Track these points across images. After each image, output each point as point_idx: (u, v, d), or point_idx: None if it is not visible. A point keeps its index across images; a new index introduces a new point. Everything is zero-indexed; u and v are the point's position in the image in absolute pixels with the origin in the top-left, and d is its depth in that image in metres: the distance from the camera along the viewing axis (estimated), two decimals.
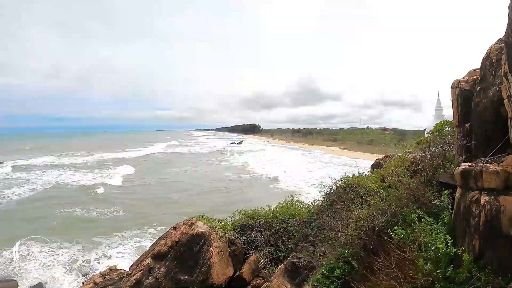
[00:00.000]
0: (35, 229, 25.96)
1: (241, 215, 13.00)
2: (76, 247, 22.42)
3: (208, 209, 26.98)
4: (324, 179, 15.11)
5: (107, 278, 11.36)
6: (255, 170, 56.43)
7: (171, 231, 10.74)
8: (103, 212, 30.93)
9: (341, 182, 11.85)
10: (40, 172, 59.12)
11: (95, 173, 56.45)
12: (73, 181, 48.24)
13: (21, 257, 21.13)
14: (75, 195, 38.33)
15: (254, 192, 37.81)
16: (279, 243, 11.69)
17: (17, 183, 46.99)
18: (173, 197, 37.42)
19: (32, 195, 38.91)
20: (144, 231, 25.35)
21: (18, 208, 32.94)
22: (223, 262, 10.03)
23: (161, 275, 9.31)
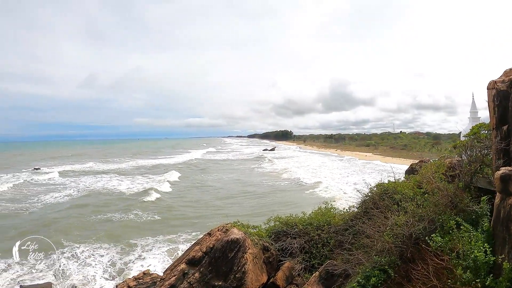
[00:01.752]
0: (76, 232, 27.26)
1: (276, 221, 13.00)
2: (115, 250, 23.32)
3: (243, 215, 27.41)
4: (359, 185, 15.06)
5: (140, 282, 11.55)
6: (289, 176, 56.48)
7: (205, 237, 10.85)
8: (140, 215, 31.92)
9: (377, 189, 11.79)
10: (86, 177, 62.04)
11: (140, 179, 58.69)
12: (118, 187, 50.12)
13: (66, 259, 22.20)
14: (120, 200, 39.89)
15: (288, 199, 37.82)
16: (314, 250, 11.66)
17: (68, 187, 50.31)
18: (210, 202, 38.06)
19: (84, 199, 40.91)
20: (179, 236, 25.96)
21: (66, 212, 34.45)
22: (257, 269, 10.07)
23: (195, 281, 9.44)
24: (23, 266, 21.94)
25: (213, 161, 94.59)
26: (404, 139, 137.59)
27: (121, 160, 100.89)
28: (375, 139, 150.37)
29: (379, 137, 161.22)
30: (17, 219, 32.79)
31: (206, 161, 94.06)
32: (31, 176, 64.35)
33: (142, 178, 59.61)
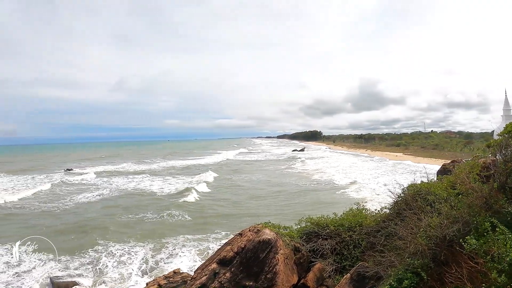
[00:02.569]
0: (110, 231, 28.27)
1: (307, 222, 13.01)
2: (147, 249, 24.08)
3: (273, 215, 27.71)
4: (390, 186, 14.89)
5: (170, 281, 11.77)
6: (320, 177, 56.41)
7: (237, 237, 11.00)
8: (172, 215, 32.69)
9: (409, 189, 11.69)
10: (119, 178, 64.23)
11: (174, 179, 60.50)
12: (151, 187, 51.93)
13: (100, 256, 23.07)
14: (153, 200, 41.37)
15: (319, 199, 37.79)
16: (345, 252, 11.66)
17: (101, 188, 52.47)
18: (242, 202, 38.57)
19: (117, 199, 42.86)
20: (209, 236, 26.43)
21: (99, 212, 35.84)
22: (288, 270, 10.13)
23: (226, 280, 9.61)
24: (58, 263, 22.85)
25: (245, 162, 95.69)
26: (435, 138, 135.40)
27: (153, 161, 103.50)
28: (406, 139, 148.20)
29: (409, 137, 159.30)
30: (51, 218, 34.06)
31: (239, 162, 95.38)
32: (64, 176, 66.66)
33: (176, 178, 61.12)
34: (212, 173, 63.48)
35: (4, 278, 21.41)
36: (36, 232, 29.22)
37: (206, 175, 60.67)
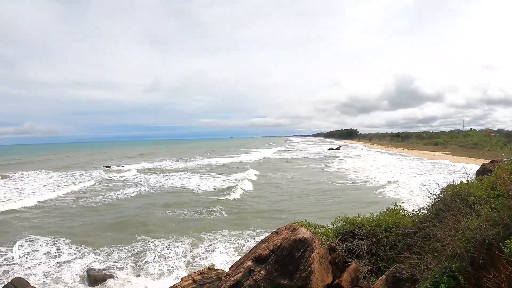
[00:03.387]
0: (149, 227, 29.21)
1: (343, 222, 12.99)
2: (185, 244, 24.79)
3: (309, 214, 27.85)
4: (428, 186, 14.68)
5: (205, 277, 11.94)
6: (356, 176, 56.06)
7: (272, 235, 11.07)
8: (211, 211, 33.41)
9: (448, 190, 11.53)
10: (158, 176, 66.64)
11: (212, 177, 61.88)
12: (189, 184, 53.40)
13: (136, 251, 23.91)
14: (191, 197, 42.45)
15: (356, 199, 37.57)
16: (381, 253, 11.57)
17: (139, 184, 54.18)
18: (278, 200, 38.93)
19: (156, 196, 44.21)
20: (243, 232, 26.91)
21: (138, 208, 36.97)
22: (323, 269, 10.16)
23: (260, 278, 9.72)
24: (97, 255, 23.78)
25: (284, 160, 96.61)
26: (475, 137, 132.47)
27: (192, 159, 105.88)
28: (444, 138, 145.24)
29: (447, 135, 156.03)
30: (92, 213, 35.30)
31: (278, 160, 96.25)
32: (104, 173, 68.98)
33: (215, 176, 62.43)
34: (253, 171, 64.27)
35: (45, 268, 22.47)
36: (77, 226, 30.54)
37: (247, 173, 61.47)
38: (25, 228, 30.48)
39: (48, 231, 29.09)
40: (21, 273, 21.58)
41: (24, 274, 21.45)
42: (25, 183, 59.58)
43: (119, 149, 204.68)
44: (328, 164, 78.61)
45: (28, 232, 29.01)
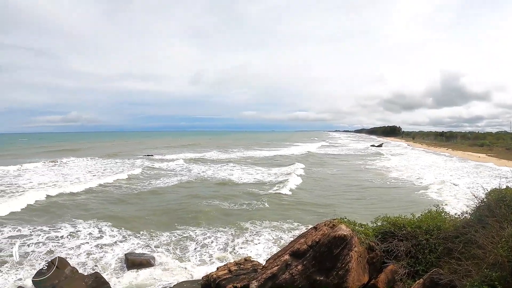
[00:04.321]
0: (189, 215, 29.99)
1: (384, 221, 12.95)
2: (226, 234, 25.40)
3: (348, 211, 27.78)
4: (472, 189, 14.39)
5: (241, 267, 12.10)
6: (398, 175, 55.10)
7: (311, 231, 11.15)
8: (255, 203, 33.87)
9: (493, 194, 11.29)
10: (202, 166, 67.81)
11: (253, 169, 62.57)
12: (231, 176, 53.88)
13: (176, 238, 24.64)
14: (235, 188, 43.24)
15: (397, 198, 37.11)
16: (420, 256, 11.46)
17: (180, 174, 55.52)
18: (320, 195, 38.97)
19: (199, 186, 45.29)
20: (282, 224, 27.27)
21: (180, 197, 37.88)
22: (360, 268, 10.19)
23: (297, 273, 9.85)
24: (139, 240, 24.69)
25: (327, 155, 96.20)
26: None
27: (235, 150, 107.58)
28: (490, 139, 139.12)
29: (494, 137, 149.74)
30: (137, 200, 36.54)
31: (321, 155, 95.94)
32: (149, 162, 71.09)
33: (259, 168, 63.09)
34: (299, 165, 64.29)
35: (86, 249, 23.49)
36: (119, 211, 31.68)
37: (293, 167, 61.51)
38: (69, 211, 31.90)
39: (91, 214, 30.36)
40: (62, 253, 22.64)
41: (65, 254, 22.49)
42: (71, 168, 62.15)
43: (162, 139, 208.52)
44: (370, 161, 77.56)
45: (72, 215, 30.40)
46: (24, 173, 54.52)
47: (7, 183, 45.26)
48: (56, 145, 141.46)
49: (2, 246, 23.62)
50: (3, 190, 40.47)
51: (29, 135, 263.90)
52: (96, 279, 18.68)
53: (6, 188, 41.74)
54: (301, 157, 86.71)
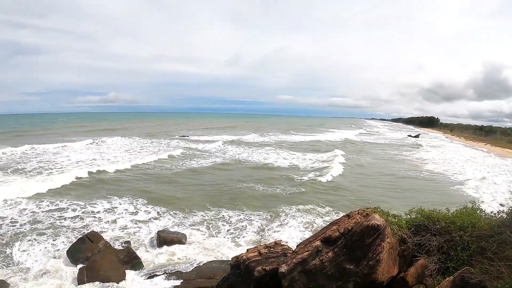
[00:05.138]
0: (224, 198, 30.67)
1: (418, 214, 12.83)
2: (261, 217, 25.86)
3: (381, 200, 27.75)
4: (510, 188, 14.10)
5: (271, 251, 12.15)
6: (433, 167, 54.30)
7: (344, 218, 11.12)
8: (289, 188, 34.47)
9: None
10: (248, 148, 68.77)
11: (289, 153, 63.56)
12: (268, 159, 54.91)
13: (209, 218, 25.30)
14: (272, 172, 43.82)
15: (431, 191, 36.70)
16: (452, 252, 11.34)
17: (214, 156, 56.46)
18: (353, 183, 39.02)
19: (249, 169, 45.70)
20: (314, 208, 27.77)
21: (214, 178, 38.73)
22: (390, 260, 10.23)
23: (327, 259, 9.92)
24: (173, 218, 25.38)
25: (365, 143, 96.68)
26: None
27: (273, 134, 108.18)
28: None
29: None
30: (176, 178, 37.56)
31: (360, 143, 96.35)
32: (181, 143, 72.71)
33: (297, 153, 64.25)
34: (338, 151, 64.37)
35: (122, 223, 24.40)
36: (154, 190, 32.59)
37: (332, 154, 61.78)
38: (106, 188, 33.13)
39: (127, 192, 31.43)
40: (97, 227, 23.55)
41: (100, 228, 23.44)
42: (108, 147, 64.26)
43: (198, 121, 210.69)
44: (407, 152, 76.98)
45: (109, 191, 31.58)
46: (64, 151, 56.70)
47: (45, 159, 47.13)
48: (95, 124, 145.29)
49: (41, 218, 24.88)
50: (42, 166, 42.34)
51: (69, 115, 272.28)
52: (128, 254, 19.36)
53: (45, 164, 43.63)
54: (340, 143, 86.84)
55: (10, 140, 69.65)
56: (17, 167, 40.89)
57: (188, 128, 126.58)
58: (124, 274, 17.81)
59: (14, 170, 39.19)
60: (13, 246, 20.86)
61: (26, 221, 24.38)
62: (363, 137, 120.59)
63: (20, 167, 41.20)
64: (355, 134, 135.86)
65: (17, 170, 39.51)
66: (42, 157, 48.91)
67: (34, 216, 25.38)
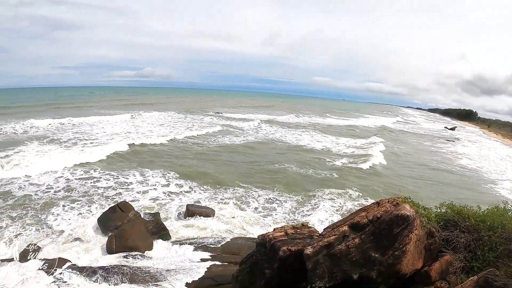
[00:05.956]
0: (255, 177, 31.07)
1: (448, 208, 12.62)
2: (291, 199, 26.20)
3: (414, 190, 27.71)
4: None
5: (298, 232, 12.22)
6: (466, 163, 53.49)
7: (373, 205, 11.02)
8: (316, 170, 35.04)
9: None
10: (285, 129, 69.54)
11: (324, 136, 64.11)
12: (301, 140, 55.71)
13: (237, 196, 25.65)
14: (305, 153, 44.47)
15: (462, 186, 36.33)
16: (479, 252, 11.15)
17: (247, 134, 57.72)
18: (387, 169, 39.16)
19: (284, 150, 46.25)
20: (346, 192, 28.39)
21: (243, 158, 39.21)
22: (416, 253, 10.18)
23: (353, 245, 9.92)
24: (203, 192, 25.88)
25: (402, 132, 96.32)
26: None
27: (306, 115, 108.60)
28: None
29: None
30: (204, 157, 38.06)
31: (397, 131, 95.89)
32: (216, 119, 73.59)
33: (333, 136, 65.16)
34: (377, 138, 64.89)
35: (153, 195, 25.07)
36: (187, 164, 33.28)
37: (369, 140, 62.46)
38: (140, 160, 34.19)
39: (160, 165, 32.34)
40: (129, 197, 24.25)
41: (132, 198, 24.12)
42: (143, 121, 65.74)
43: (233, 98, 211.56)
44: (441, 144, 76.49)
45: (142, 164, 32.65)
46: (99, 123, 58.11)
47: (81, 131, 48.52)
48: (130, 98, 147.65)
49: (75, 186, 25.86)
50: (78, 137, 43.70)
51: (105, 89, 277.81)
52: (156, 225, 19.97)
53: (81, 135, 45.05)
54: (376, 130, 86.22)
55: (47, 112, 72.09)
56: (53, 138, 42.35)
57: (222, 105, 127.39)
58: (152, 244, 18.35)
59: (50, 140, 40.59)
60: (47, 212, 21.85)
61: (60, 188, 25.49)
62: (400, 126, 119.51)
63: (56, 137, 42.66)
64: (392, 121, 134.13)
65: (53, 140, 40.91)
66: (78, 129, 50.45)
67: (68, 183, 26.53)
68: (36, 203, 22.81)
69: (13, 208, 21.87)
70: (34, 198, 23.59)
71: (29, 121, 52.89)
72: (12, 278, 14.22)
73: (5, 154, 32.12)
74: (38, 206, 22.49)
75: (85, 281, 14.30)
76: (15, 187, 25.30)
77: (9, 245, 18.04)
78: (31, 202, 22.91)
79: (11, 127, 48.45)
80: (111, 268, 15.47)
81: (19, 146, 35.59)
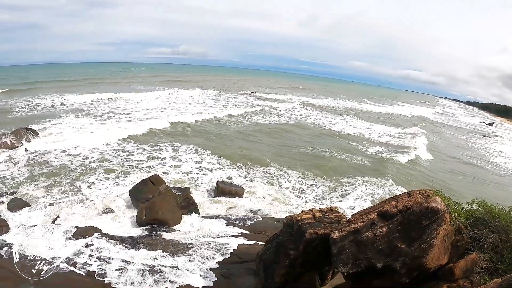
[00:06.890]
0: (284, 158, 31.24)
1: (479, 206, 12.36)
2: (322, 184, 26.26)
3: (445, 184, 27.47)
4: None
5: (326, 216, 12.25)
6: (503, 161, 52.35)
7: (404, 195, 10.88)
8: (354, 156, 35.18)
9: None
10: (326, 114, 68.93)
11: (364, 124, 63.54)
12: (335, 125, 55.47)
13: (265, 176, 25.88)
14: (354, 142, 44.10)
15: (493, 184, 35.57)
16: (505, 254, 10.96)
17: (280, 115, 58.00)
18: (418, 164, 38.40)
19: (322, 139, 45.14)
20: (377, 181, 28.11)
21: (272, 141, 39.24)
22: (442, 248, 10.11)
23: (380, 234, 9.91)
24: (234, 170, 26.24)
25: (441, 124, 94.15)
26: None
27: (345, 100, 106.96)
28: None
29: None
30: (239, 136, 38.51)
31: (437, 123, 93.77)
32: (251, 99, 74.47)
33: (363, 122, 64.49)
34: (418, 129, 64.09)
35: (184, 169, 25.55)
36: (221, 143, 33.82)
37: (407, 130, 61.85)
38: (173, 137, 34.89)
39: (193, 142, 33.11)
40: (161, 170, 24.80)
41: (164, 171, 24.64)
42: (178, 97, 66.67)
43: (268, 79, 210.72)
44: (478, 140, 74.65)
45: (176, 140, 33.26)
46: (135, 99, 59.26)
47: (116, 106, 49.70)
48: (166, 75, 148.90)
49: (108, 157, 26.62)
50: (113, 111, 44.89)
51: (141, 65, 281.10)
52: (186, 199, 20.41)
53: (116, 110, 46.20)
54: (416, 120, 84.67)
55: (84, 87, 74.16)
56: (89, 111, 43.74)
57: (257, 85, 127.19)
58: (180, 218, 18.82)
59: (86, 114, 41.98)
60: (81, 181, 22.73)
61: (95, 159, 26.40)
62: (438, 117, 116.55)
63: (92, 111, 44.04)
64: (431, 112, 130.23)
65: (88, 113, 42.35)
66: (114, 103, 51.81)
67: (102, 155, 27.49)
68: (71, 173, 23.77)
69: (49, 176, 22.84)
70: (70, 168, 24.54)
71: (65, 96, 54.74)
72: (44, 243, 14.84)
73: (42, 126, 33.50)
74: (73, 176, 23.40)
75: (114, 248, 14.82)
76: (51, 157, 26.38)
77: (44, 211, 18.84)
78: (66, 172, 23.90)
79: (49, 101, 50.34)
80: (139, 239, 16.07)
81: (56, 119, 37.06)
